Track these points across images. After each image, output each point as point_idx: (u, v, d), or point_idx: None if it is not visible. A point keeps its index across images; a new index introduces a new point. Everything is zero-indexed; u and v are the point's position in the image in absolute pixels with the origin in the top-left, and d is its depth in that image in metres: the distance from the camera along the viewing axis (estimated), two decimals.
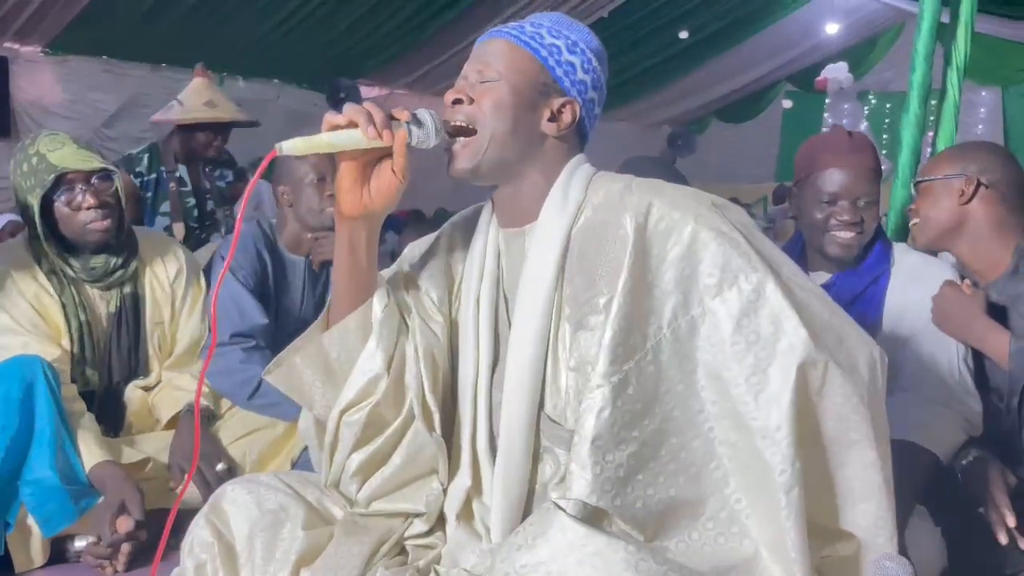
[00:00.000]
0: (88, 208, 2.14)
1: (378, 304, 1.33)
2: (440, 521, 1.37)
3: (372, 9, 7.56)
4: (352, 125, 1.21)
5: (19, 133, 6.85)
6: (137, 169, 3.49)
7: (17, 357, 2.02)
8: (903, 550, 1.58)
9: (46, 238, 2.16)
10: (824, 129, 13.69)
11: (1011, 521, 1.59)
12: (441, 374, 1.37)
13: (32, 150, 2.14)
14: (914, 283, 1.91)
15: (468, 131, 1.29)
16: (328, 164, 2.41)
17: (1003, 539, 1.58)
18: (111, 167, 2.22)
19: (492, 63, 1.30)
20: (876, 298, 1.93)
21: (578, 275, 1.26)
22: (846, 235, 1.92)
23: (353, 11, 7.53)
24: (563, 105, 1.32)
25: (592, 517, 1.11)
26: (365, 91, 9.39)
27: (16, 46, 6.88)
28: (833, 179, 1.92)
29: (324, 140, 1.21)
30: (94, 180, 2.15)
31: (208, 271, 2.58)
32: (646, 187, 1.28)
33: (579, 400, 1.19)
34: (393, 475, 1.35)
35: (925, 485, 1.70)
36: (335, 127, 1.22)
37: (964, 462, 1.73)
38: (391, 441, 1.34)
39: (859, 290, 1.94)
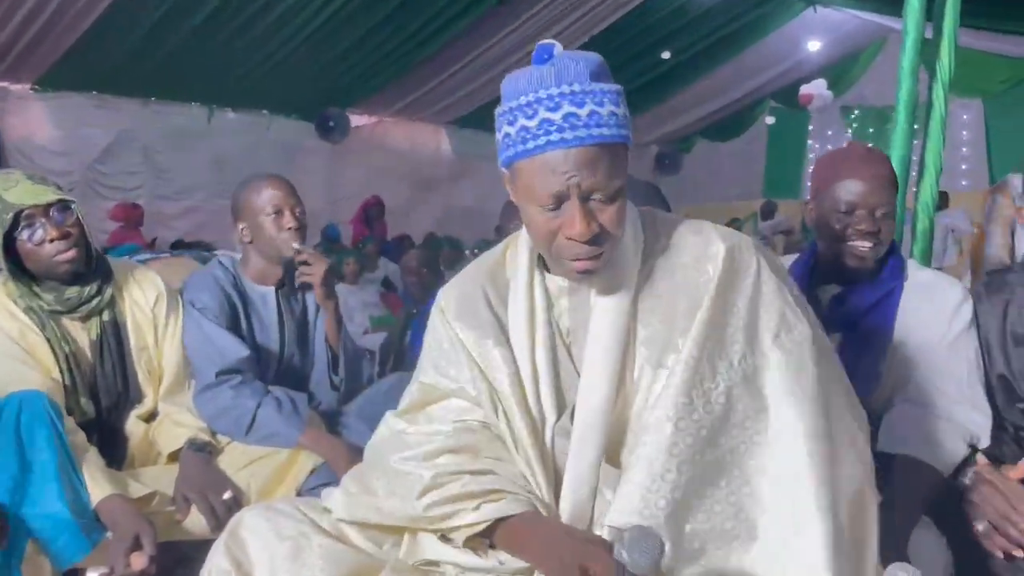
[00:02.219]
0: (51, 241, 2.12)
1: None
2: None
3: (360, 40, 7.62)
4: None
5: None
6: None
7: (17, 393, 2.01)
8: (910, 559, 1.59)
9: (15, 276, 2.15)
10: (809, 142, 13.87)
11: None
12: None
13: None
14: (926, 299, 1.92)
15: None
16: (284, 198, 2.39)
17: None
18: (68, 197, 2.19)
19: (605, 177, 1.23)
20: (888, 311, 1.93)
21: (653, 317, 1.31)
22: (864, 245, 1.91)
23: (341, 42, 7.60)
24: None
25: None
26: (355, 119, 9.44)
27: (5, 84, 6.91)
28: (850, 189, 1.91)
29: None
30: (53, 212, 2.13)
31: None
32: (715, 233, 1.36)
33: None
34: None
35: (929, 498, 1.72)
36: None
37: (966, 481, 1.74)
38: None
39: (872, 302, 1.93)
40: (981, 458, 1.74)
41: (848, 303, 1.95)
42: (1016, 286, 1.87)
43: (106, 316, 2.29)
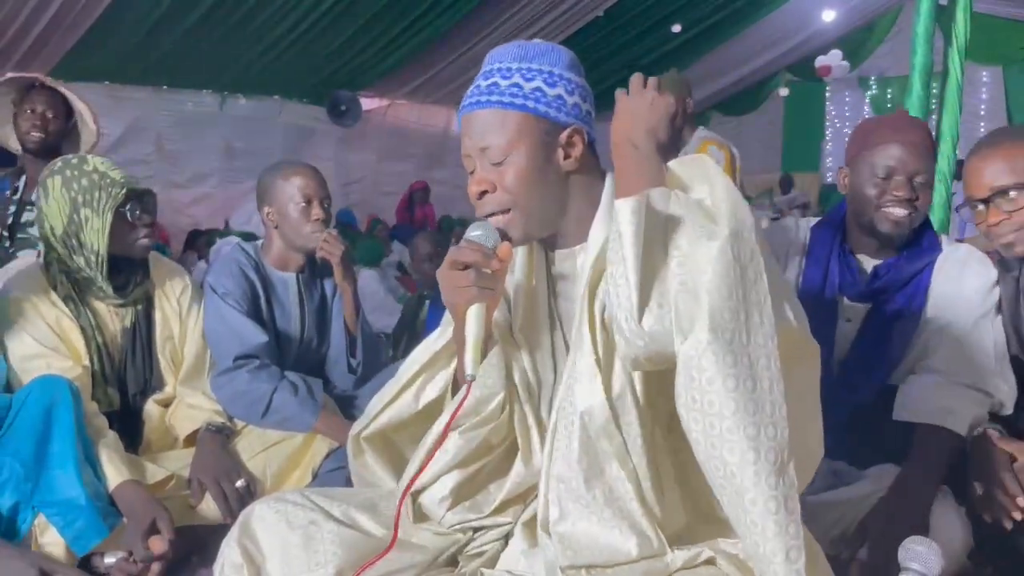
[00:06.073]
0: (143, 225, 2.24)
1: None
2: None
3: (369, 22, 7.57)
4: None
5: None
6: None
7: (40, 378, 2.03)
8: (929, 529, 1.58)
9: (69, 259, 2.19)
10: (827, 114, 13.71)
11: (1020, 504, 1.59)
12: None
13: (87, 167, 2.18)
14: (960, 274, 1.89)
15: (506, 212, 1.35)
16: (315, 188, 2.41)
17: (1008, 525, 1.59)
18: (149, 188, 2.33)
19: (493, 141, 1.32)
20: (923, 283, 1.90)
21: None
22: (899, 212, 1.86)
23: (350, 25, 7.55)
24: (570, 138, 1.34)
25: None
26: (366, 103, 9.41)
27: (18, 76, 6.90)
28: (889, 154, 1.85)
29: (473, 333, 1.27)
30: (145, 198, 2.27)
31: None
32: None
33: None
34: (486, 502, 1.39)
35: (951, 467, 1.70)
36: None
37: (973, 434, 1.73)
38: (489, 468, 1.39)
39: (912, 274, 1.91)
40: (990, 428, 1.72)
41: (886, 275, 1.92)
42: None
43: (140, 304, 2.34)
